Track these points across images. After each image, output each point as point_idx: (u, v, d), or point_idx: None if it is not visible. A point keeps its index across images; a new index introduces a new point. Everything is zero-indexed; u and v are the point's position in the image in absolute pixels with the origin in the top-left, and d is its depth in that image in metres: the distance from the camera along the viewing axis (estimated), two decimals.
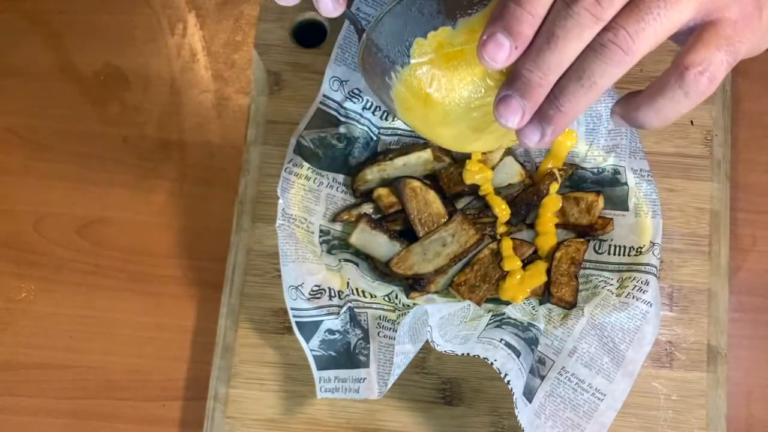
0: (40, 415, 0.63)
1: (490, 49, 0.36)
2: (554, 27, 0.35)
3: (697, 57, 0.35)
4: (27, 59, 0.70)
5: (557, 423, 0.55)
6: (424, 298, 0.60)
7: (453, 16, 0.40)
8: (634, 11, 0.35)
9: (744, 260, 0.64)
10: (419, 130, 0.45)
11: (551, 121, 0.37)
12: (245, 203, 0.63)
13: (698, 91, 0.35)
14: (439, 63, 0.40)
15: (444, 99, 0.41)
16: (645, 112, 0.36)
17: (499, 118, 0.37)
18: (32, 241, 0.66)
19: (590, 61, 0.35)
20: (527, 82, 0.36)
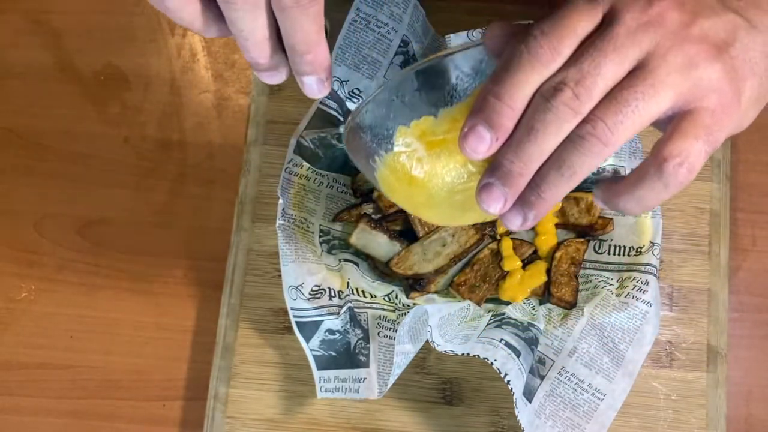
0: (40, 415, 0.63)
1: (471, 141, 0.37)
2: (533, 120, 0.36)
3: (675, 148, 0.35)
4: (27, 59, 0.70)
5: (557, 423, 0.55)
6: (424, 298, 0.60)
7: (435, 105, 0.41)
8: (612, 103, 0.35)
9: (744, 260, 0.64)
10: (404, 208, 0.47)
11: (533, 207, 0.38)
12: (245, 203, 0.63)
13: (677, 182, 0.35)
14: (422, 150, 0.42)
15: (427, 184, 0.42)
16: (626, 200, 0.37)
17: (481, 205, 0.38)
18: (32, 241, 0.66)
19: (569, 152, 0.36)
20: (508, 172, 0.37)
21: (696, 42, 0.37)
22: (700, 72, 0.36)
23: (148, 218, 0.66)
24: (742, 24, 0.38)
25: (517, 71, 0.36)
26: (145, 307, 0.64)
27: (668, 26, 0.37)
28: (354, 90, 0.59)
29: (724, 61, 0.37)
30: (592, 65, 0.36)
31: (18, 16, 0.71)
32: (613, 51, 0.36)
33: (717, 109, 0.36)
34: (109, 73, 0.70)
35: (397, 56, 0.59)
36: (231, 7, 0.38)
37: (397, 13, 0.58)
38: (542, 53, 0.36)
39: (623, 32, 0.36)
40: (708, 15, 0.38)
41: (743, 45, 0.38)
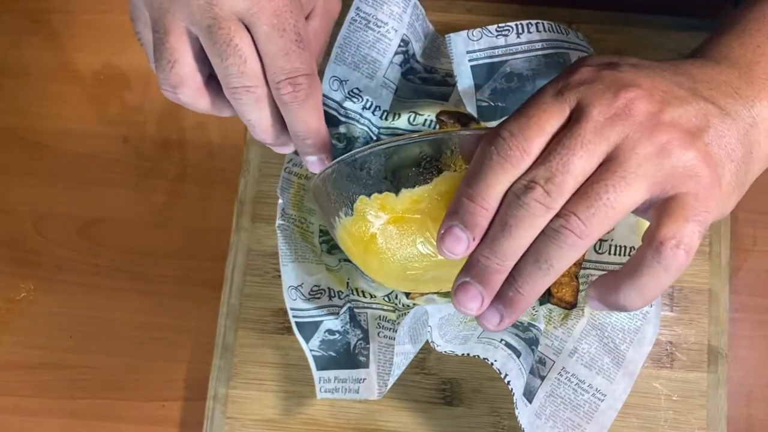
0: (39, 415, 0.63)
1: (448, 243, 0.38)
2: (507, 217, 0.37)
3: (669, 231, 0.35)
4: (27, 59, 0.70)
5: (557, 423, 0.55)
6: (424, 299, 0.60)
7: (397, 185, 0.43)
8: (584, 198, 0.36)
9: (745, 260, 0.64)
10: (358, 266, 0.49)
11: (510, 304, 0.38)
12: (245, 203, 0.63)
13: (677, 265, 0.35)
14: (380, 224, 0.43)
15: (381, 255, 0.44)
16: (626, 293, 0.36)
17: (458, 306, 0.38)
18: (32, 241, 0.66)
19: (545, 245, 0.37)
20: (484, 269, 0.37)
21: (666, 130, 0.37)
22: (674, 160, 0.36)
23: (148, 218, 0.66)
24: (714, 111, 0.38)
25: (488, 173, 0.37)
26: (144, 307, 0.64)
27: (636, 117, 0.37)
28: (353, 90, 0.59)
29: (698, 148, 0.37)
30: (560, 163, 0.36)
31: (18, 16, 0.71)
32: (581, 148, 0.36)
33: (699, 192, 0.36)
34: (108, 73, 0.70)
35: (396, 56, 0.59)
36: (238, 101, 0.43)
37: (396, 13, 0.58)
38: (512, 155, 0.37)
39: (590, 128, 0.37)
40: (678, 104, 0.38)
41: (717, 132, 0.38)
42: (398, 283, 0.48)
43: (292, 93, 0.43)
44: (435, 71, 0.62)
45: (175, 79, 0.43)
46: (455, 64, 0.58)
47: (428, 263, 0.44)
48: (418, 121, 0.61)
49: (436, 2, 0.65)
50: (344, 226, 0.46)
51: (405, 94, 0.62)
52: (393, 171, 0.43)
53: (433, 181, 0.43)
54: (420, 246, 0.43)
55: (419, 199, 0.43)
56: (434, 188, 0.43)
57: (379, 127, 0.61)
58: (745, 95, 0.40)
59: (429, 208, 0.43)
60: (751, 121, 0.40)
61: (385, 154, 0.44)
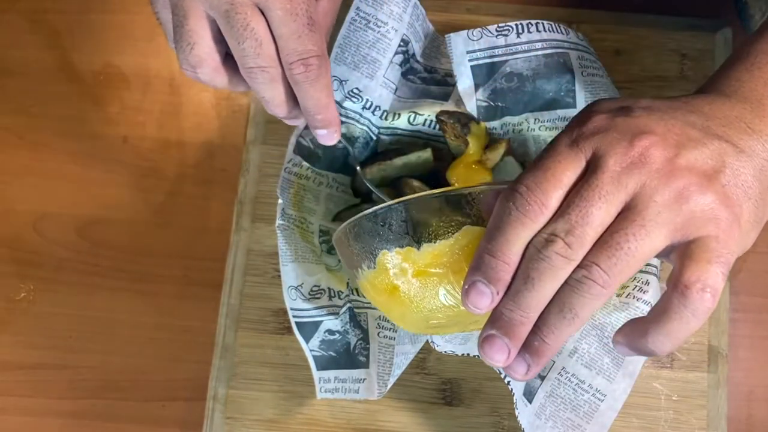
0: (39, 415, 0.63)
1: (473, 298, 0.39)
2: (529, 270, 0.37)
3: (693, 275, 0.36)
4: (27, 59, 0.70)
5: (557, 423, 0.55)
6: None
7: (418, 239, 0.44)
8: (605, 248, 0.36)
9: (744, 261, 0.63)
10: (381, 311, 0.50)
11: (537, 353, 0.38)
12: (245, 203, 0.63)
13: (704, 308, 0.36)
14: (402, 278, 0.45)
15: (403, 306, 0.45)
16: (655, 339, 0.37)
17: (485, 357, 0.39)
18: (32, 241, 0.66)
19: (569, 295, 0.37)
20: (509, 321, 0.38)
21: (683, 175, 0.37)
22: (692, 204, 0.37)
23: (148, 218, 0.66)
24: (729, 150, 0.39)
25: (507, 228, 0.38)
26: (144, 307, 0.64)
27: (653, 164, 0.37)
28: (353, 89, 0.59)
29: (716, 190, 0.37)
30: (580, 215, 0.37)
31: (18, 16, 0.71)
32: (600, 199, 0.37)
33: (720, 235, 0.37)
34: (108, 73, 0.70)
35: (396, 55, 0.59)
36: (254, 80, 0.47)
37: (396, 13, 0.58)
38: (530, 210, 0.38)
39: (608, 179, 0.37)
40: (693, 146, 0.38)
41: (733, 170, 0.38)
42: (421, 330, 0.49)
43: (304, 73, 0.46)
44: (435, 71, 0.62)
45: (195, 60, 0.46)
46: (455, 64, 0.58)
47: (451, 313, 0.45)
48: (418, 121, 0.61)
49: (436, 2, 0.65)
50: (367, 278, 0.47)
51: (405, 94, 0.61)
52: (414, 226, 0.44)
53: (454, 235, 0.43)
54: (443, 298, 0.44)
55: (441, 253, 0.44)
56: (455, 242, 0.43)
57: (379, 127, 0.61)
58: (758, 130, 0.41)
59: (451, 262, 0.44)
60: (765, 155, 0.40)
61: (405, 209, 0.44)
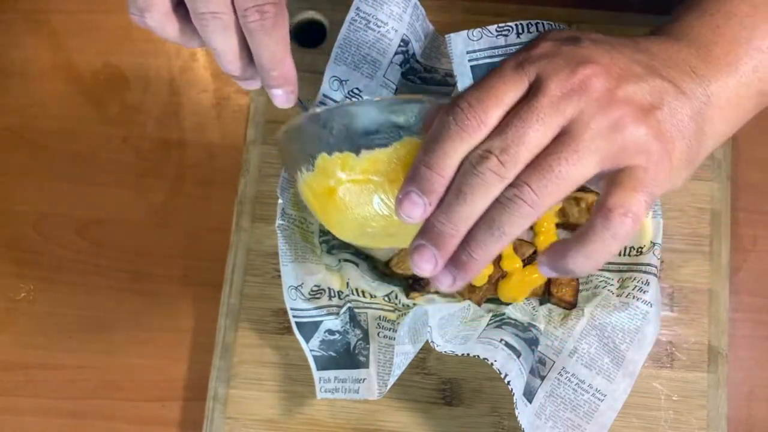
0: (39, 415, 0.63)
1: (406, 207, 0.39)
2: (463, 185, 0.38)
3: (617, 200, 0.37)
4: (27, 59, 0.70)
5: (557, 423, 0.55)
6: (424, 299, 0.60)
7: (358, 145, 0.44)
8: (537, 169, 0.37)
9: (745, 260, 0.63)
10: (319, 220, 0.50)
11: (463, 267, 0.39)
12: (245, 203, 0.63)
13: (624, 232, 0.37)
14: (339, 182, 0.45)
15: (339, 212, 0.45)
16: (575, 259, 0.38)
17: (414, 266, 0.39)
18: (32, 241, 0.66)
19: (498, 213, 0.38)
20: (439, 233, 0.39)
21: (620, 106, 0.38)
22: (626, 135, 0.38)
23: (148, 218, 0.66)
24: (669, 89, 0.40)
25: (445, 141, 0.39)
26: (144, 307, 0.64)
27: (592, 93, 0.38)
28: (354, 89, 0.59)
29: (650, 124, 0.38)
30: (516, 135, 0.37)
31: (18, 16, 0.71)
32: (537, 121, 0.38)
33: (649, 167, 0.38)
34: (108, 73, 0.70)
35: (396, 56, 0.59)
36: (205, 28, 0.43)
37: (397, 13, 0.58)
38: (468, 125, 0.38)
39: (547, 102, 0.38)
40: (634, 81, 0.39)
41: (671, 109, 0.39)
42: (356, 239, 0.49)
43: (259, 21, 0.43)
44: (435, 71, 0.62)
45: (143, 3, 0.43)
46: (455, 64, 0.58)
47: (386, 223, 0.45)
48: None
49: (436, 2, 0.65)
50: (305, 181, 0.47)
51: None
52: (355, 132, 0.44)
53: (393, 145, 0.44)
54: (377, 206, 0.44)
55: (378, 161, 0.44)
56: (394, 152, 0.44)
57: None
58: (701, 74, 0.42)
59: (388, 171, 0.44)
60: (705, 99, 0.41)
61: (348, 114, 0.45)
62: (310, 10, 0.66)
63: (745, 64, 0.43)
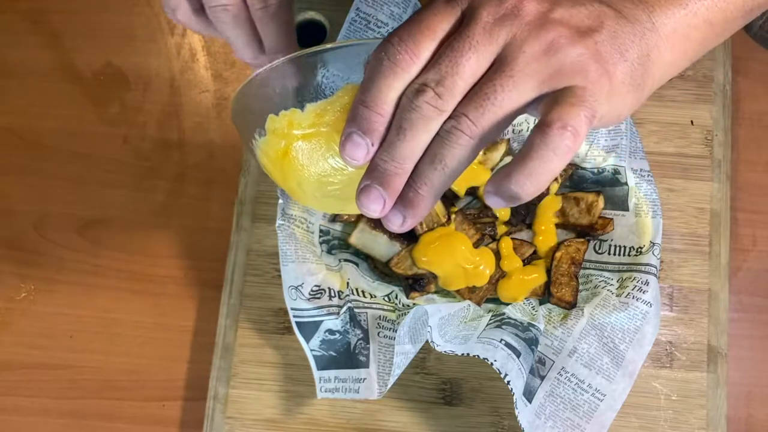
0: (40, 415, 0.63)
1: (348, 149, 0.39)
2: (402, 121, 0.37)
3: (555, 114, 0.36)
4: (27, 59, 0.70)
5: (557, 423, 0.55)
6: (424, 298, 0.60)
7: (301, 99, 0.43)
8: (474, 99, 0.37)
9: (744, 260, 0.64)
10: (283, 188, 0.49)
11: (411, 204, 0.39)
12: (245, 203, 0.63)
13: (564, 146, 0.35)
14: (289, 140, 0.44)
15: (296, 172, 0.45)
16: (517, 180, 0.36)
17: (361, 208, 0.39)
18: (32, 241, 0.66)
19: (439, 146, 0.37)
20: (384, 172, 0.38)
21: (554, 28, 0.37)
22: (561, 56, 0.37)
23: (148, 218, 0.66)
24: (609, 13, 0.39)
25: (380, 79, 0.38)
26: (145, 307, 0.64)
27: (525, 17, 0.37)
28: None
29: (587, 45, 0.37)
30: (450, 65, 0.37)
31: (18, 16, 0.71)
32: (470, 50, 0.37)
33: (588, 85, 0.37)
34: (108, 73, 0.70)
35: None
36: (216, 19, 0.48)
37: (397, 13, 0.58)
38: (401, 59, 0.38)
39: (479, 30, 0.37)
40: (569, 4, 0.38)
41: (610, 32, 0.38)
42: (322, 203, 0.48)
43: (264, 8, 0.48)
44: None
45: (174, 3, 0.49)
46: None
47: (344, 177, 0.44)
48: None
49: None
50: (260, 148, 0.46)
51: None
52: (297, 86, 0.44)
53: (336, 93, 0.43)
54: (331, 160, 0.44)
55: (323, 111, 0.43)
56: (337, 100, 0.43)
57: None
58: (645, 0, 0.41)
59: (334, 121, 0.43)
60: (649, 25, 0.40)
61: (287, 68, 0.44)
62: (311, 11, 0.66)
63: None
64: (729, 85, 0.65)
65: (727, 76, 0.65)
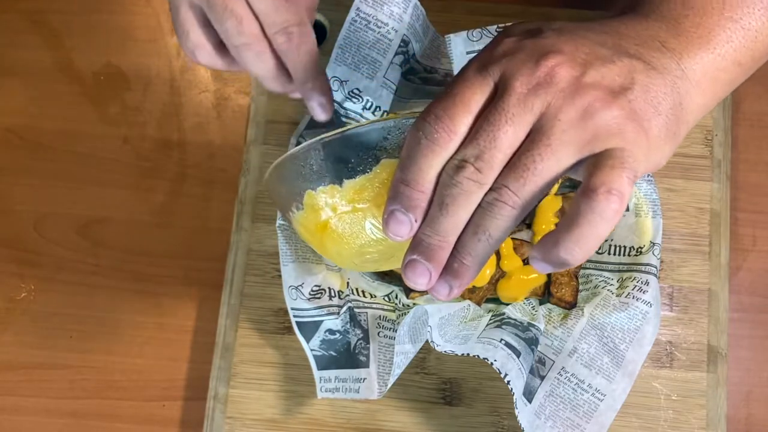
0: (40, 415, 0.63)
1: (392, 227, 0.39)
2: (444, 197, 0.38)
3: (598, 180, 0.36)
4: (27, 59, 0.70)
5: (557, 423, 0.55)
6: (424, 298, 0.60)
7: (339, 176, 0.45)
8: (513, 170, 0.37)
9: (744, 260, 0.64)
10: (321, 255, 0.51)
11: (457, 275, 0.39)
12: (245, 203, 0.63)
13: (612, 210, 0.35)
14: (329, 216, 0.45)
15: (336, 245, 0.46)
16: (566, 247, 0.36)
17: (408, 282, 0.40)
18: (32, 241, 0.66)
19: (482, 218, 0.38)
20: (428, 247, 0.39)
21: (588, 92, 0.37)
22: (597, 120, 0.37)
23: (148, 218, 0.66)
24: (639, 67, 0.39)
25: (419, 157, 0.38)
26: (145, 307, 0.64)
27: (558, 84, 0.37)
28: (354, 90, 0.59)
29: (621, 105, 0.37)
30: (488, 140, 0.37)
31: (18, 16, 0.71)
32: (506, 122, 0.37)
33: (626, 146, 0.37)
34: (108, 73, 0.70)
35: (397, 56, 0.59)
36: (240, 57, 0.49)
37: (397, 13, 0.58)
38: (439, 138, 0.38)
39: (514, 101, 0.37)
40: (600, 64, 0.38)
41: (642, 87, 0.38)
42: (359, 266, 0.49)
43: (287, 42, 0.48)
44: (435, 71, 0.62)
45: (191, 46, 0.49)
46: (455, 64, 0.58)
47: (382, 246, 0.46)
48: None
49: (436, 2, 0.65)
50: (298, 221, 0.47)
51: (405, 95, 0.62)
52: (334, 163, 0.45)
53: (373, 169, 0.44)
54: (370, 232, 0.45)
55: (362, 188, 0.44)
56: (375, 176, 0.44)
57: None
58: (672, 48, 0.41)
59: (373, 196, 0.44)
60: (679, 73, 0.40)
61: (323, 147, 0.45)
62: None
63: (718, 35, 0.42)
64: None
65: None
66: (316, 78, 0.50)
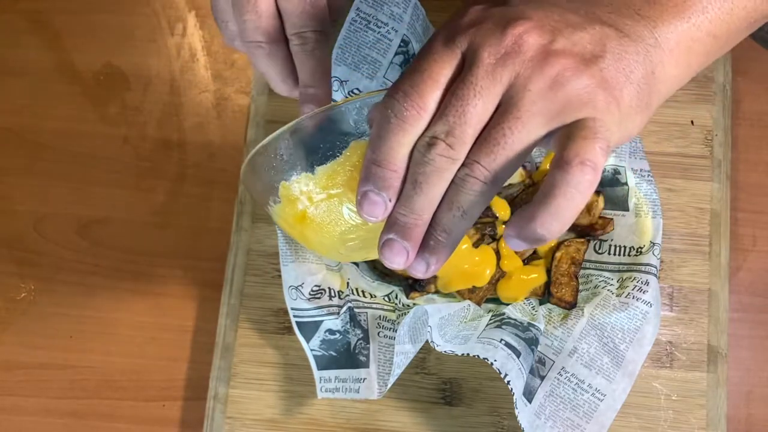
0: (40, 415, 0.63)
1: (366, 208, 0.39)
2: (417, 175, 0.38)
3: (572, 151, 0.35)
4: (27, 59, 0.70)
5: (557, 423, 0.55)
6: (424, 298, 0.60)
7: (311, 164, 0.44)
8: (484, 144, 0.37)
9: (744, 260, 0.64)
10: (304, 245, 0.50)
11: (434, 251, 0.39)
12: (245, 203, 0.63)
13: (586, 181, 0.35)
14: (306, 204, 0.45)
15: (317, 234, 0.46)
16: (542, 221, 0.36)
17: (385, 261, 0.39)
18: (32, 241, 0.66)
19: (455, 194, 0.37)
20: (404, 225, 0.39)
21: (558, 61, 0.36)
22: (567, 90, 0.36)
23: (148, 218, 0.66)
24: (612, 34, 0.38)
25: (389, 136, 0.38)
26: (145, 307, 0.64)
27: (527, 53, 0.36)
28: (354, 90, 0.59)
29: (592, 74, 0.37)
30: (457, 115, 0.36)
31: (18, 16, 0.71)
32: (475, 96, 0.36)
33: (597, 116, 0.36)
34: (108, 73, 0.70)
35: (397, 56, 0.59)
36: (252, 54, 0.48)
37: (397, 13, 0.58)
38: (408, 115, 0.37)
39: (482, 73, 0.37)
40: (570, 31, 0.37)
41: (614, 55, 0.37)
42: (346, 255, 0.49)
43: (301, 45, 0.48)
44: None
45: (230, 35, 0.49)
46: None
47: (363, 231, 0.45)
48: None
49: (436, 2, 0.65)
50: (278, 214, 0.47)
51: None
52: (304, 151, 0.44)
53: (343, 153, 0.44)
54: (348, 217, 0.44)
55: (334, 173, 0.44)
56: (346, 159, 0.44)
57: None
58: (646, 15, 0.40)
59: (346, 180, 0.44)
60: (653, 41, 0.39)
61: (291, 135, 0.44)
62: None
63: (693, 5, 0.40)
64: (729, 85, 0.65)
65: (727, 76, 0.65)
66: (319, 87, 0.50)
